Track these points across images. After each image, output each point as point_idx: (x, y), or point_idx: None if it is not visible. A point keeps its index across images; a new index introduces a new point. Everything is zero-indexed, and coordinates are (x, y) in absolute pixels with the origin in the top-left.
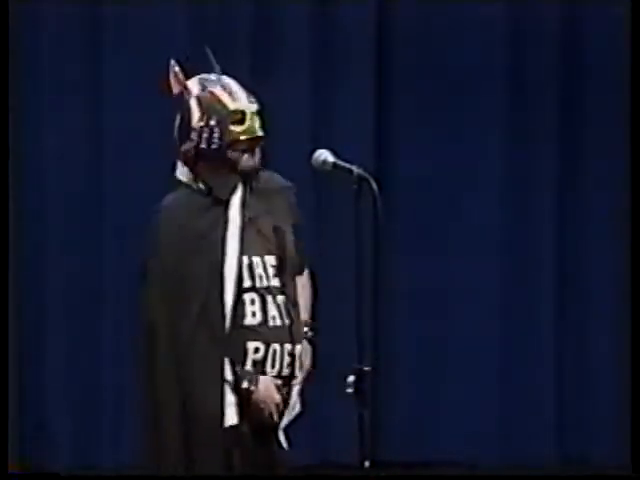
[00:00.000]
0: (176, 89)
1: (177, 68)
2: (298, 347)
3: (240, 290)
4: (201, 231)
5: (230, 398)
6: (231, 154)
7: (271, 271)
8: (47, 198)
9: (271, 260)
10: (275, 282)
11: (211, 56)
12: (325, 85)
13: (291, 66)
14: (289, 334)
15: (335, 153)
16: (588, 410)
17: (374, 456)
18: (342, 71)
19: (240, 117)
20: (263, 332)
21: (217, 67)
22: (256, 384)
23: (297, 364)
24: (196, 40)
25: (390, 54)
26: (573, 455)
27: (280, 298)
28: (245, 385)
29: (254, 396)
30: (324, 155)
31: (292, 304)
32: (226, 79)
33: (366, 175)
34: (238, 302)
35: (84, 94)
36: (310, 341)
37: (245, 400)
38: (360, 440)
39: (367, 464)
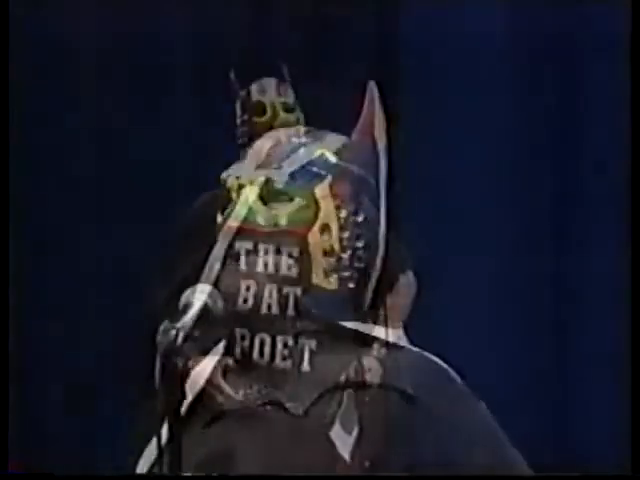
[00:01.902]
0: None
1: (232, 76)
2: (311, 341)
3: (228, 273)
4: (212, 215)
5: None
6: None
7: (287, 261)
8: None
9: (292, 251)
10: (291, 272)
11: (285, 70)
12: (325, 85)
13: (291, 66)
14: (287, 327)
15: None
16: (588, 410)
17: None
18: (342, 71)
19: (261, 108)
20: (251, 320)
21: (285, 70)
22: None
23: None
24: (196, 41)
25: (390, 54)
26: (573, 455)
27: (290, 289)
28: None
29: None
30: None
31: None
32: (269, 79)
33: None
34: (223, 283)
35: (85, 93)
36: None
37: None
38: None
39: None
